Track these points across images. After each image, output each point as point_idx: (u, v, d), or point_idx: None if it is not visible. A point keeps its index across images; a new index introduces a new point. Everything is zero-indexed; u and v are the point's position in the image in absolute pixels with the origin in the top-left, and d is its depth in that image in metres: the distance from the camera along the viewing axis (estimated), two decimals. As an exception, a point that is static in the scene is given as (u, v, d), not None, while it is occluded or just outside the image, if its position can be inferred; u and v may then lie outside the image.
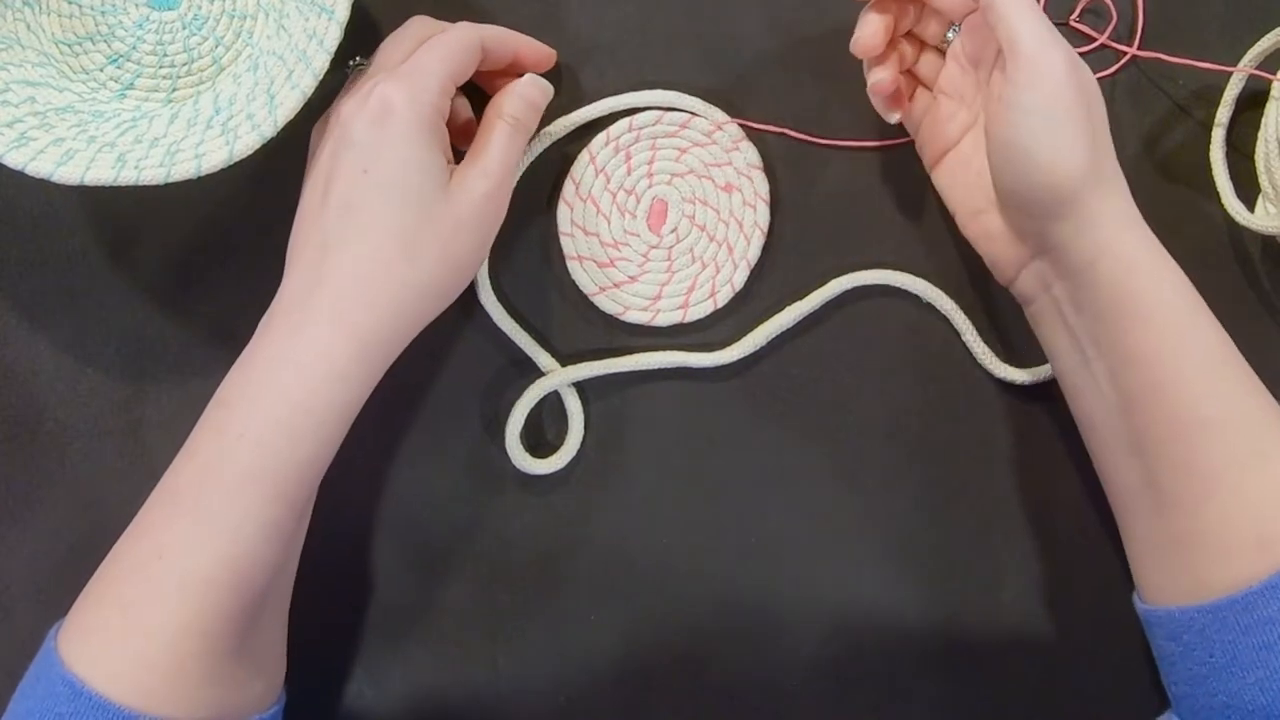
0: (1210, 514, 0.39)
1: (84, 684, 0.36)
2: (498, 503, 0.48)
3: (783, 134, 0.48)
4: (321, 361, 0.39)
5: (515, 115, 0.44)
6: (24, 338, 0.48)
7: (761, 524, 0.48)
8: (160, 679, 0.37)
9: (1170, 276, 0.40)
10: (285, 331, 0.40)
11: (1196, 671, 0.39)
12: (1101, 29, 0.49)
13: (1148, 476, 0.41)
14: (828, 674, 0.48)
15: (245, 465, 0.38)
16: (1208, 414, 0.39)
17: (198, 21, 0.47)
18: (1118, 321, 0.40)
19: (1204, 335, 0.40)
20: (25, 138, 0.41)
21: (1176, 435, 0.39)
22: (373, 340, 0.40)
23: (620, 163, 0.48)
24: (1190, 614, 0.39)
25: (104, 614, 0.38)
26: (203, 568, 0.37)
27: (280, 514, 0.39)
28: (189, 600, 0.37)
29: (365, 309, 0.39)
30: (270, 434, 0.38)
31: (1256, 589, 0.37)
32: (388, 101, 0.39)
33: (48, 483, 0.48)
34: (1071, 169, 0.39)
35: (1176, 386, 0.39)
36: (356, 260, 0.40)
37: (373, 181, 0.40)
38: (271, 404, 0.38)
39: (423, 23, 0.44)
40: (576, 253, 0.48)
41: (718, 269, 0.48)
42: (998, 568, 0.48)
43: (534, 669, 0.48)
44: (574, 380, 0.48)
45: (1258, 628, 0.37)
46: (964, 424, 0.48)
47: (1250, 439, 0.38)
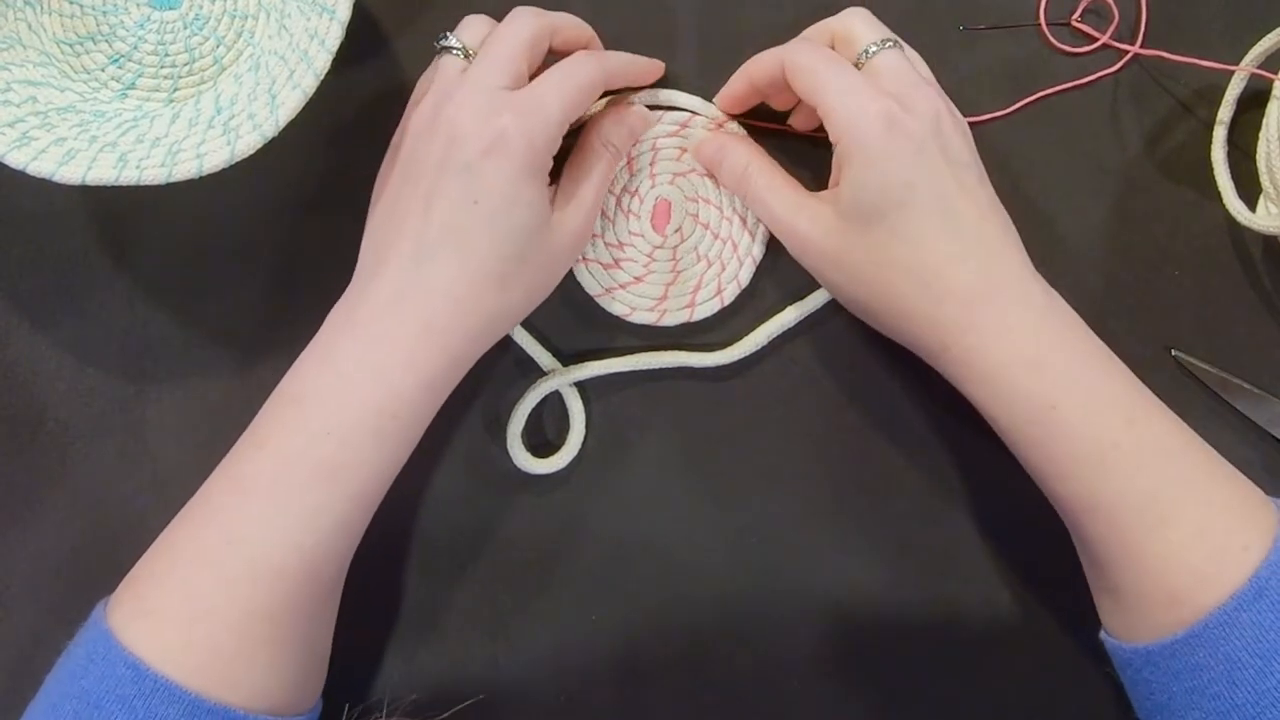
0: (1123, 575, 0.40)
1: (149, 666, 0.36)
2: (498, 502, 0.48)
3: (783, 130, 0.48)
4: (410, 372, 0.39)
5: (619, 146, 0.44)
6: (25, 338, 0.48)
7: (761, 524, 0.48)
8: (226, 663, 0.37)
9: (1006, 385, 0.40)
10: (372, 336, 0.40)
11: (1144, 704, 0.41)
12: (1104, 29, 0.49)
13: (1069, 528, 0.43)
14: (828, 674, 0.48)
15: (328, 462, 0.38)
16: (1095, 500, 0.39)
17: (199, 21, 0.47)
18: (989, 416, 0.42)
19: (1060, 435, 0.39)
20: (27, 137, 0.41)
21: (1071, 512, 0.41)
22: (458, 357, 0.41)
23: (622, 164, 0.48)
24: (1128, 653, 0.40)
25: (167, 598, 0.38)
26: (275, 557, 0.38)
27: (354, 512, 0.40)
28: (259, 588, 0.38)
29: (456, 332, 0.40)
30: (356, 435, 0.39)
31: (1179, 638, 0.37)
32: (505, 136, 0.39)
33: (48, 483, 0.48)
34: (857, 312, 0.43)
35: (1049, 479, 0.40)
36: (452, 283, 0.39)
37: (481, 212, 0.39)
38: (359, 406, 0.39)
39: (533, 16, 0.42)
40: (581, 255, 0.48)
41: (723, 266, 0.48)
42: (997, 568, 0.48)
43: (534, 668, 0.48)
44: (575, 380, 0.48)
45: (1186, 673, 0.37)
46: (964, 424, 0.48)
47: (1143, 514, 0.38)
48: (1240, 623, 0.36)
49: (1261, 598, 0.36)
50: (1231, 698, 0.36)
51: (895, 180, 0.39)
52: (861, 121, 0.39)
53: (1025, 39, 0.49)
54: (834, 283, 0.43)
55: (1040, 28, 0.49)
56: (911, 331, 0.42)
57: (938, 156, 0.40)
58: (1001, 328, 0.40)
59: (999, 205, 0.42)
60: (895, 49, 0.42)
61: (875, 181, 0.39)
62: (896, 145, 0.39)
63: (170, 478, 0.48)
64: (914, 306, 0.41)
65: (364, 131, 0.48)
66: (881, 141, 0.39)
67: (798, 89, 0.42)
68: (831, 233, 0.42)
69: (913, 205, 0.40)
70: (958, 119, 0.42)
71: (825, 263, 0.43)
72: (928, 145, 0.40)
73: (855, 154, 0.40)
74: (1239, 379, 0.47)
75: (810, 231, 0.42)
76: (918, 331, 0.41)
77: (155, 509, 0.47)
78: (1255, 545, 0.37)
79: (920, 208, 0.40)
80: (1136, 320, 0.48)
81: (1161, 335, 0.48)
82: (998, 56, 0.49)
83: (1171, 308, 0.48)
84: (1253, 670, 0.36)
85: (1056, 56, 0.49)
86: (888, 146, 0.39)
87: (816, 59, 0.41)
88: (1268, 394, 0.47)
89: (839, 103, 0.40)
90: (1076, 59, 0.49)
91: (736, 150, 0.46)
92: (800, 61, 0.42)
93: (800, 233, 0.43)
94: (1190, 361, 0.48)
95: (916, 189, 0.39)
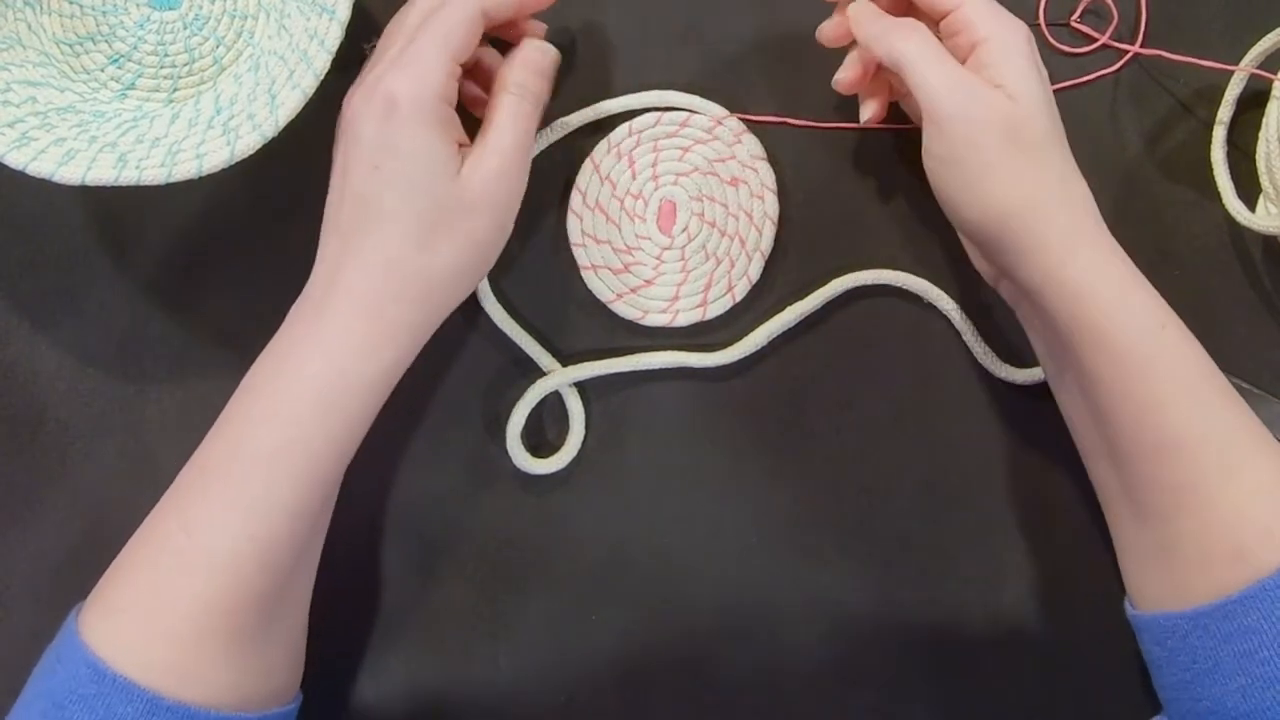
0: (1184, 527, 0.39)
1: (107, 665, 0.36)
2: (498, 502, 0.48)
3: (783, 124, 0.48)
4: (345, 341, 0.39)
5: (520, 83, 0.43)
6: (25, 338, 0.48)
7: (761, 524, 0.48)
8: (183, 658, 0.37)
9: (1126, 299, 0.40)
10: (309, 318, 0.40)
11: (1181, 677, 0.39)
12: (1103, 29, 0.49)
13: (1124, 486, 0.42)
14: (828, 674, 0.48)
15: (274, 443, 0.38)
16: (1172, 435, 0.39)
17: (199, 21, 0.47)
18: (1075, 346, 0.40)
19: (1166, 357, 0.39)
20: (26, 138, 0.41)
21: (1144, 454, 0.40)
22: (397, 324, 0.40)
23: (624, 168, 0.48)
24: (1174, 620, 0.39)
25: (129, 592, 0.38)
26: (229, 544, 0.38)
27: (306, 494, 0.39)
28: (215, 577, 0.37)
29: (389, 299, 0.40)
30: (299, 412, 0.39)
31: (1235, 598, 0.37)
32: (391, 96, 0.39)
33: (48, 483, 0.48)
34: (992, 211, 0.40)
35: (1139, 409, 0.39)
36: (374, 251, 0.40)
37: (382, 177, 0.40)
38: (300, 384, 0.39)
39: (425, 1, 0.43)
40: (590, 262, 0.48)
41: (732, 263, 0.48)
42: (998, 568, 0.48)
43: (535, 668, 0.48)
44: (575, 380, 0.48)
45: (1238, 636, 0.37)
46: (964, 424, 0.48)
47: (1217, 456, 0.38)
48: None
49: None
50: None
51: (1046, 88, 0.41)
52: (1018, 31, 0.41)
53: (1025, 39, 0.49)
54: (991, 163, 0.40)
55: (1040, 28, 0.49)
56: (1045, 237, 0.40)
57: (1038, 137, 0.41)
58: (1117, 248, 0.41)
59: None
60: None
61: (1038, 84, 0.40)
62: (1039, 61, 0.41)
63: (170, 478, 0.47)
64: (1056, 209, 0.40)
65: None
66: (1033, 53, 0.41)
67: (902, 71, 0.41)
68: (1002, 103, 0.40)
69: (1054, 119, 0.41)
70: None
71: (999, 136, 0.40)
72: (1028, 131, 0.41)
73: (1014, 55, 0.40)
74: (1239, 379, 0.47)
75: (989, 96, 0.40)
76: (1052, 238, 0.40)
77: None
78: None
79: (1058, 124, 0.41)
80: (1136, 320, 0.48)
81: (1161, 335, 0.48)
82: (997, 56, 0.49)
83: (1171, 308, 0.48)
84: None
85: (1056, 56, 0.49)
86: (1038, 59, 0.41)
87: None
88: (1268, 394, 0.47)
89: (988, 9, 0.41)
90: (1076, 59, 0.49)
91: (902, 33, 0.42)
92: None
93: (987, 97, 0.40)
94: (1190, 361, 0.48)
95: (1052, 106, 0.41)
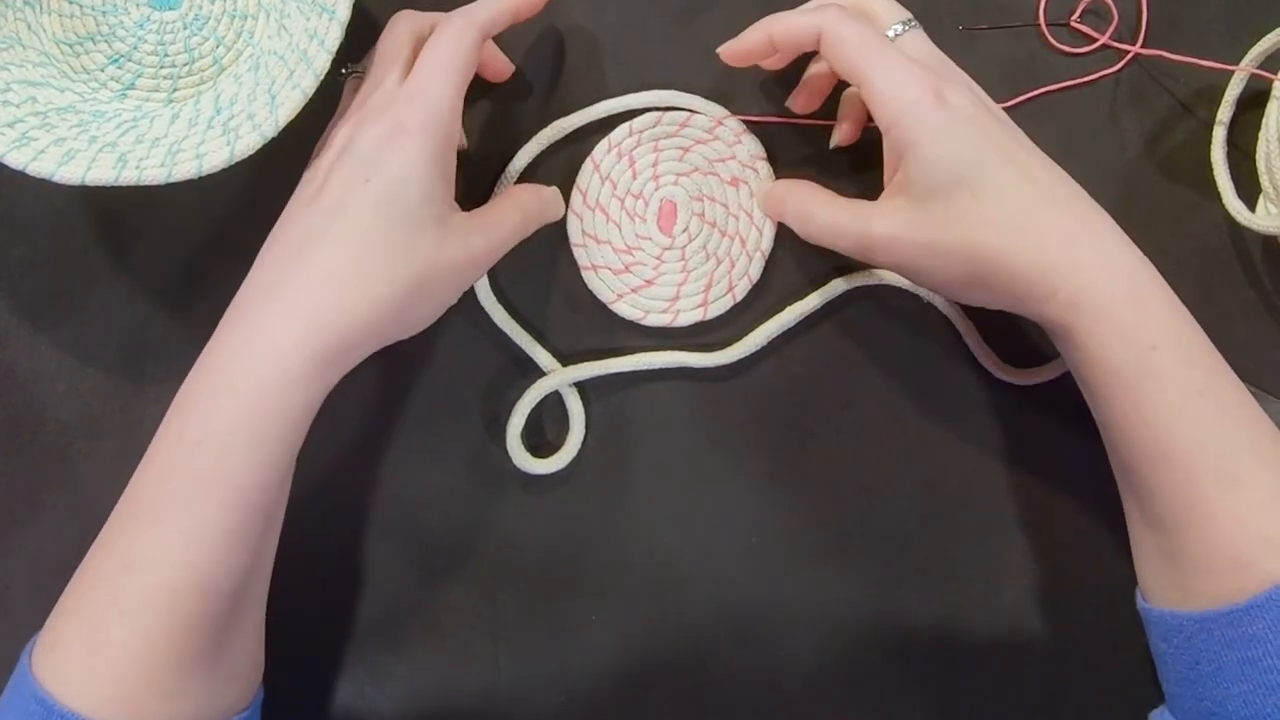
0: (1188, 537, 0.39)
1: (56, 701, 0.36)
2: (498, 503, 0.48)
3: (784, 124, 0.48)
4: (276, 366, 0.37)
5: (529, 215, 0.45)
6: (25, 338, 0.48)
7: (761, 524, 0.48)
8: (131, 692, 0.36)
9: (1111, 324, 0.39)
10: (240, 333, 0.38)
11: (1185, 675, 0.40)
12: (1103, 29, 0.49)
13: (1131, 491, 0.42)
14: (828, 674, 0.48)
15: (204, 472, 0.37)
16: (1166, 451, 0.39)
17: (199, 21, 0.47)
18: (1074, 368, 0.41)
19: (1155, 376, 0.39)
20: (26, 138, 0.41)
21: (1142, 467, 0.40)
22: (330, 343, 0.38)
23: (625, 168, 0.48)
24: (1180, 620, 0.39)
25: (74, 628, 0.37)
26: (167, 578, 0.37)
27: (242, 521, 0.38)
28: (155, 611, 0.36)
29: (329, 308, 0.38)
30: (228, 440, 0.37)
31: (1241, 606, 0.37)
32: (402, 122, 0.39)
33: (48, 483, 0.48)
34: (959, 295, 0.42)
35: (1132, 427, 0.40)
36: (333, 259, 0.38)
37: (372, 191, 0.39)
38: (228, 410, 0.37)
39: (410, 18, 0.44)
40: (590, 262, 0.48)
41: (733, 263, 0.48)
42: (998, 568, 0.48)
43: (535, 669, 0.48)
44: (575, 380, 0.48)
45: (1241, 643, 0.37)
46: (964, 424, 0.48)
47: (1213, 470, 0.38)
48: None
49: None
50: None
51: (961, 145, 0.40)
52: (914, 100, 0.40)
53: (1025, 39, 0.49)
54: (929, 269, 0.42)
55: (1040, 28, 0.49)
56: (1018, 288, 0.40)
57: (989, 117, 0.41)
58: (1106, 262, 0.40)
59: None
60: (918, 30, 0.42)
61: (944, 153, 0.40)
62: (953, 115, 0.40)
63: (170, 478, 0.48)
64: (1016, 258, 0.40)
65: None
66: (939, 115, 0.39)
67: (837, 61, 0.41)
68: (914, 221, 0.41)
69: (985, 163, 0.40)
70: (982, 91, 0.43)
71: (917, 252, 0.41)
72: (976, 110, 0.40)
73: (916, 133, 0.40)
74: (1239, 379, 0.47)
75: (892, 229, 0.41)
76: (1025, 284, 0.40)
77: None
78: None
79: (993, 163, 0.40)
80: (1136, 320, 0.48)
81: (1161, 335, 0.48)
82: (998, 56, 0.49)
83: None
84: None
85: (1056, 56, 0.49)
86: (946, 118, 0.40)
87: (863, 34, 0.41)
88: (1268, 394, 0.47)
89: (888, 84, 0.40)
90: (1076, 59, 0.49)
91: (792, 193, 0.46)
92: (845, 34, 0.41)
93: (882, 234, 0.42)
94: (1190, 361, 0.48)
95: (984, 148, 0.40)
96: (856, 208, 0.43)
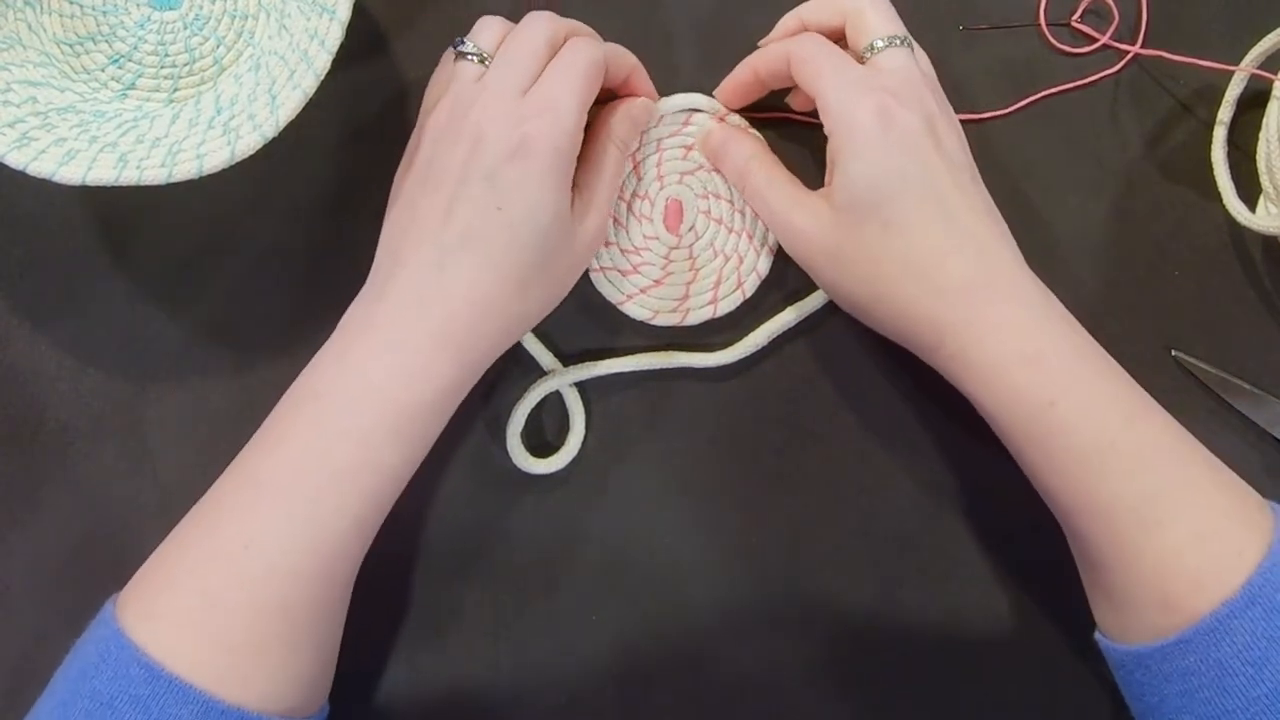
0: (1114, 578, 0.39)
1: (162, 666, 0.36)
2: (498, 503, 0.48)
3: (785, 119, 0.48)
4: (428, 376, 0.39)
5: (624, 140, 0.44)
6: (25, 338, 0.48)
7: (761, 524, 0.48)
8: (239, 663, 0.37)
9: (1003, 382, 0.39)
10: (390, 340, 0.40)
11: (1136, 705, 0.41)
12: (1103, 29, 0.49)
13: (1065, 529, 0.43)
14: (827, 674, 0.48)
15: (346, 463, 0.38)
16: (1083, 503, 0.39)
17: (199, 21, 0.47)
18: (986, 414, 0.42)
19: (1058, 432, 0.39)
20: (27, 138, 0.41)
21: (1064, 513, 0.41)
22: (474, 361, 0.41)
23: (628, 170, 0.48)
24: (1122, 654, 0.40)
25: (183, 600, 0.38)
26: (292, 559, 0.38)
27: (370, 512, 0.40)
28: (274, 589, 0.38)
29: (475, 336, 0.40)
30: (375, 436, 0.39)
31: (1170, 642, 0.37)
32: (529, 141, 0.39)
33: (48, 483, 0.48)
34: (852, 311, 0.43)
35: (1045, 478, 0.40)
36: (473, 288, 0.39)
37: (505, 220, 0.39)
38: (377, 408, 0.39)
39: (550, 21, 0.42)
40: (599, 264, 0.48)
41: (740, 259, 0.48)
42: (997, 568, 0.48)
43: (535, 668, 0.48)
44: (576, 380, 0.48)
45: (1177, 677, 0.37)
46: (964, 424, 0.48)
47: (1133, 516, 0.38)
48: (1232, 629, 0.36)
49: (1254, 605, 0.36)
50: (1222, 704, 0.36)
51: (888, 171, 0.40)
52: (856, 114, 0.40)
53: (1025, 39, 0.49)
54: (830, 279, 0.43)
55: (1040, 28, 0.49)
56: (907, 328, 0.41)
57: (931, 152, 0.40)
58: (998, 322, 0.40)
59: (993, 206, 0.42)
60: (904, 49, 0.42)
61: (868, 172, 0.40)
62: (890, 138, 0.40)
63: (170, 478, 0.48)
64: (909, 301, 0.40)
65: (364, 132, 0.48)
66: (874, 133, 0.40)
67: (798, 79, 0.43)
68: (827, 227, 0.42)
69: (905, 197, 0.40)
70: (953, 122, 0.43)
71: (821, 258, 0.43)
72: (921, 140, 0.40)
73: (847, 146, 0.40)
74: (1239, 379, 0.47)
75: (806, 226, 0.43)
76: (914, 328, 0.41)
77: (155, 509, 0.47)
78: (1250, 550, 0.37)
79: (913, 199, 0.40)
80: (1136, 320, 0.48)
81: (1161, 335, 0.48)
82: (998, 56, 0.49)
83: (1171, 308, 0.48)
84: (1243, 678, 0.36)
85: (1056, 57, 0.49)
86: (881, 138, 0.40)
87: (818, 51, 0.42)
88: (1268, 394, 0.47)
89: (834, 96, 0.40)
90: (1076, 59, 0.49)
91: (740, 143, 0.46)
92: (802, 53, 0.42)
93: (796, 227, 0.43)
94: (1190, 361, 0.48)
95: (909, 181, 0.40)
96: (790, 190, 0.44)
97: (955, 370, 0.41)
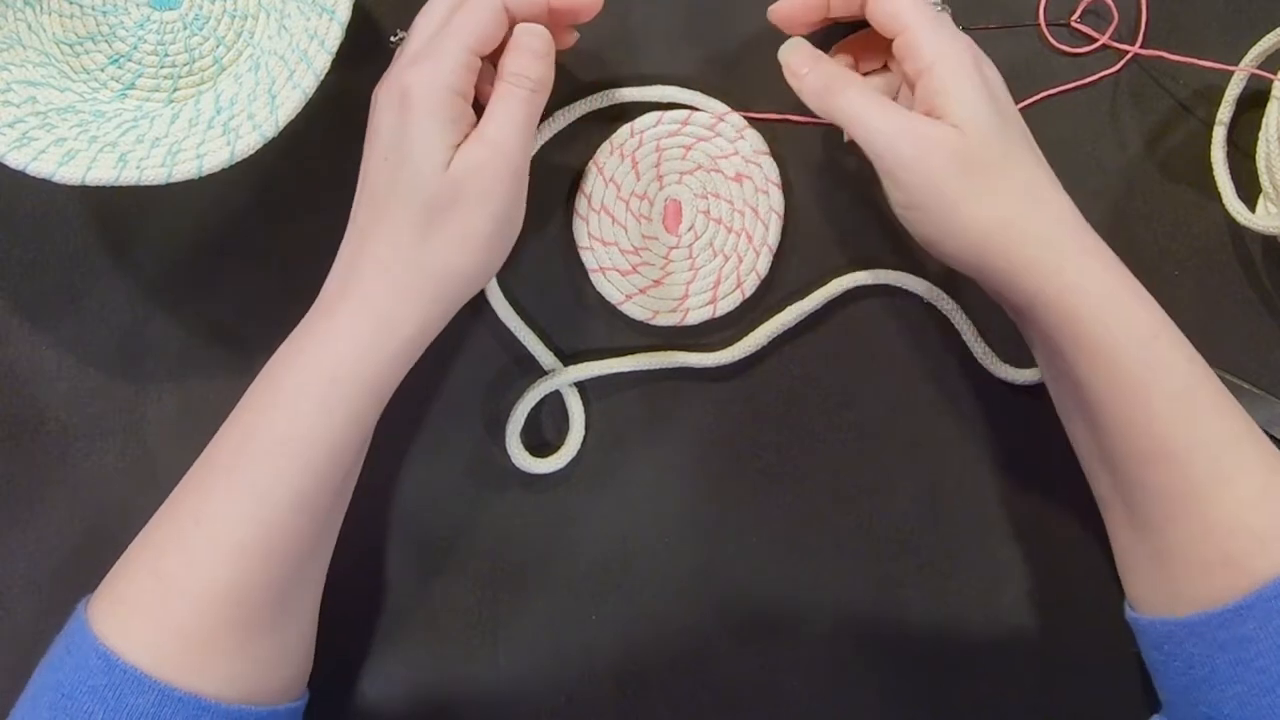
0: (1177, 535, 0.39)
1: (118, 656, 0.36)
2: (498, 502, 0.48)
3: (784, 120, 0.48)
4: (347, 338, 0.39)
5: (514, 71, 0.41)
6: (25, 338, 0.48)
7: (761, 524, 0.48)
8: (194, 649, 0.37)
9: (1114, 310, 0.39)
10: (321, 314, 0.41)
11: (1179, 682, 0.40)
12: (1103, 29, 0.49)
13: (1120, 493, 0.42)
14: (827, 674, 0.48)
15: (277, 432, 0.39)
16: (1163, 445, 0.39)
17: (199, 21, 0.47)
18: (1066, 357, 0.40)
19: (1156, 367, 0.39)
20: (27, 138, 0.41)
21: (1136, 463, 0.40)
22: (396, 321, 0.40)
23: (628, 169, 0.48)
24: (1170, 626, 0.40)
25: (139, 582, 0.38)
26: (235, 533, 0.38)
27: (310, 485, 0.39)
28: (222, 565, 0.38)
29: (387, 294, 0.40)
30: (300, 402, 0.39)
31: (1231, 607, 0.37)
32: (406, 89, 0.39)
33: (48, 483, 0.48)
34: (966, 243, 0.40)
35: (1130, 419, 0.39)
36: (378, 245, 0.40)
37: (390, 168, 0.40)
38: (301, 375, 0.39)
39: None
40: (598, 265, 0.48)
41: (740, 259, 0.48)
42: (997, 568, 0.48)
43: (534, 668, 0.48)
44: (575, 380, 0.48)
45: (1233, 645, 0.37)
46: (964, 424, 0.48)
47: (1208, 465, 0.38)
48: None
49: None
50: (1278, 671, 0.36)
51: (995, 104, 0.40)
52: (959, 51, 0.40)
53: (1025, 39, 0.49)
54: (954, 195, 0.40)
55: (1040, 28, 0.49)
56: (1025, 254, 0.40)
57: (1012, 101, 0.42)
58: (1105, 253, 0.40)
59: None
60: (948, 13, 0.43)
61: (986, 104, 0.40)
62: (988, 76, 0.41)
63: (170, 478, 0.47)
64: (1031, 225, 0.40)
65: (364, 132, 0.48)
66: (975, 72, 0.40)
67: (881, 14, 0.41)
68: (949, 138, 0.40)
69: (1011, 129, 0.41)
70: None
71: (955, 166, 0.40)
72: (1004, 87, 0.42)
73: (956, 74, 0.40)
74: (1239, 379, 0.47)
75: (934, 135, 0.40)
76: (1038, 253, 0.39)
77: (155, 509, 0.47)
78: None
79: (1017, 133, 0.41)
80: (1136, 320, 0.48)
81: (1161, 335, 0.48)
82: (998, 56, 0.49)
83: (1171, 308, 0.48)
84: None
85: (1056, 57, 0.49)
86: (981, 77, 0.40)
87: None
88: (1268, 394, 0.47)
89: (929, 30, 0.40)
90: (1076, 59, 0.49)
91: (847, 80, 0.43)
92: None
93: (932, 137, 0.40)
94: (1190, 361, 0.48)
95: (1009, 119, 0.41)
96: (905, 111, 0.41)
97: (1069, 303, 0.39)
